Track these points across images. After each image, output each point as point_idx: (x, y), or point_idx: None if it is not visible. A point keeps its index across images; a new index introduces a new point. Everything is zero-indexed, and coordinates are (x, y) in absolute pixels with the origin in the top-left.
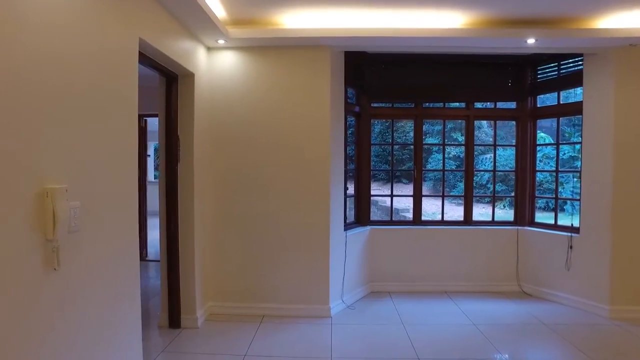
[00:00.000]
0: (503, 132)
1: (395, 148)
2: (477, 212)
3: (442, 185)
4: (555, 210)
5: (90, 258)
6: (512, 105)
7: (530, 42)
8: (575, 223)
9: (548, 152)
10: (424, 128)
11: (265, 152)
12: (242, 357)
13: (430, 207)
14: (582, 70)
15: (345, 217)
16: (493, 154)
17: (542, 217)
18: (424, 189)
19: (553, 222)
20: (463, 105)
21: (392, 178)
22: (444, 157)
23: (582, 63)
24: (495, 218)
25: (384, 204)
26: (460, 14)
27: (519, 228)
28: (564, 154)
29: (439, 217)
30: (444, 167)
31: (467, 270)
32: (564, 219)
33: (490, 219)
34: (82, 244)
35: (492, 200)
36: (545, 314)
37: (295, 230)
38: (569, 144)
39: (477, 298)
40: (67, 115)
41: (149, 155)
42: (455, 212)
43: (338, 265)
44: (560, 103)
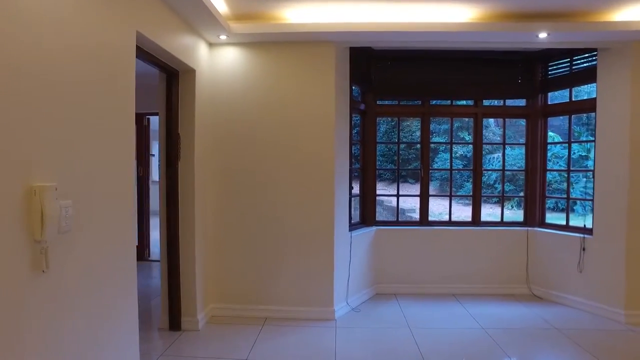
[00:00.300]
0: (511, 131)
1: (402, 147)
2: (484, 212)
3: (449, 185)
4: (567, 211)
5: (84, 260)
6: (521, 103)
7: (542, 36)
8: (588, 224)
9: (557, 151)
10: (431, 127)
11: (268, 150)
12: None
13: (437, 207)
14: (595, 66)
15: (350, 217)
16: (502, 153)
17: (551, 217)
18: (431, 189)
19: (564, 222)
20: (471, 103)
21: (398, 177)
22: (452, 156)
23: (595, 58)
24: (504, 219)
25: (390, 204)
26: (469, 8)
27: (529, 229)
28: (574, 154)
29: (446, 217)
30: (452, 166)
31: (475, 272)
32: (574, 220)
33: (499, 220)
34: (74, 245)
35: (500, 201)
36: (557, 318)
37: (299, 230)
38: (580, 142)
39: (485, 301)
40: (58, 111)
41: (153, 155)
42: (463, 212)
43: (343, 267)
44: (573, 100)
